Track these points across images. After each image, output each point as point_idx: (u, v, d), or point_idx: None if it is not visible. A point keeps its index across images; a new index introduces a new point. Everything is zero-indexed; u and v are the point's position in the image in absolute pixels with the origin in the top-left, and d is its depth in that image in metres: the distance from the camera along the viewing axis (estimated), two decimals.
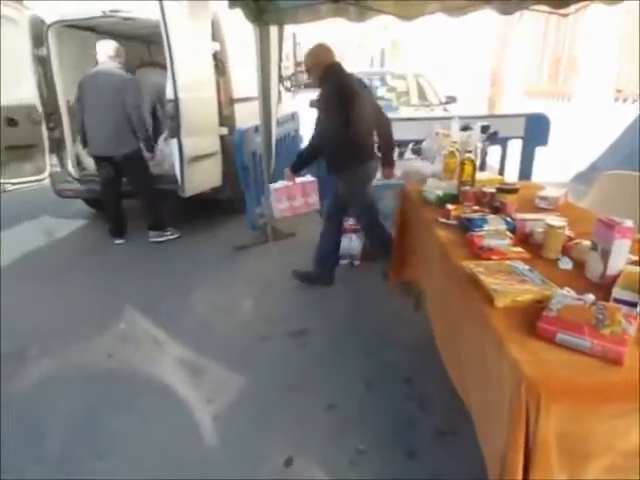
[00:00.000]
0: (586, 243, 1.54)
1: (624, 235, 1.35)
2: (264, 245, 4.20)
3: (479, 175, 2.48)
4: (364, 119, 2.96)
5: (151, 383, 2.41)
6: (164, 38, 3.31)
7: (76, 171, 4.63)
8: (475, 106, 10.43)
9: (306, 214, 4.50)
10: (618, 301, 1.24)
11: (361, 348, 2.64)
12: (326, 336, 2.80)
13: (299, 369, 2.50)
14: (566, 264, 1.56)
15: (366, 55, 22.80)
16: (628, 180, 2.71)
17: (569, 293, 1.28)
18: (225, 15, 4.03)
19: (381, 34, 17.65)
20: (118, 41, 4.10)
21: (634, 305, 1.20)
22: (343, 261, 3.77)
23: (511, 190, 2.06)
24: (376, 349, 2.62)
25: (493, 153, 4.25)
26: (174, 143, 3.86)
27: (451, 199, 2.22)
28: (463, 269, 1.51)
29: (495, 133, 3.84)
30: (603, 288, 1.33)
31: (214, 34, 4.07)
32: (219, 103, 4.29)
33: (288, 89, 6.97)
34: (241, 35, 4.73)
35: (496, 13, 3.62)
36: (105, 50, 4.00)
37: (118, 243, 4.36)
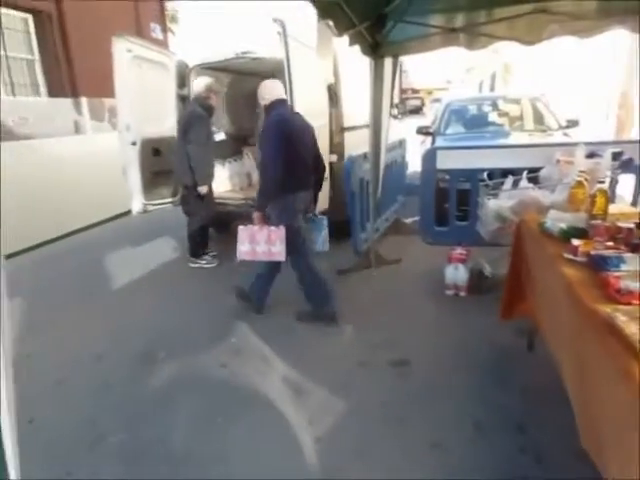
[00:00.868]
0: None
1: None
2: (367, 270, 4.24)
3: (610, 207, 2.26)
4: (295, 153, 3.06)
5: (258, 396, 2.54)
6: (286, 75, 3.58)
7: None
8: (599, 130, 9.53)
9: (412, 240, 4.48)
10: None
11: (468, 385, 2.52)
12: (430, 368, 2.71)
13: (401, 400, 2.45)
14: None
15: (475, 79, 22.16)
16: None
17: None
18: (339, 49, 4.28)
19: (491, 57, 17.10)
20: (244, 78, 4.53)
21: None
22: (448, 292, 3.66)
23: None
24: (485, 388, 2.48)
25: (623, 183, 3.83)
26: None
27: (577, 233, 2.05)
28: (598, 314, 1.37)
29: (630, 160, 3.47)
30: None
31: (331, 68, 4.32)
32: (330, 132, 4.49)
33: (395, 116, 7.04)
34: (352, 67, 4.98)
35: (626, 31, 3.34)
36: (195, 87, 4.42)
37: (191, 266, 4.59)
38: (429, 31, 3.62)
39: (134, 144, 4.37)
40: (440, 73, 29.34)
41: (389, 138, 4.32)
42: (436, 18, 3.55)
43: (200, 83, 4.42)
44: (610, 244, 1.88)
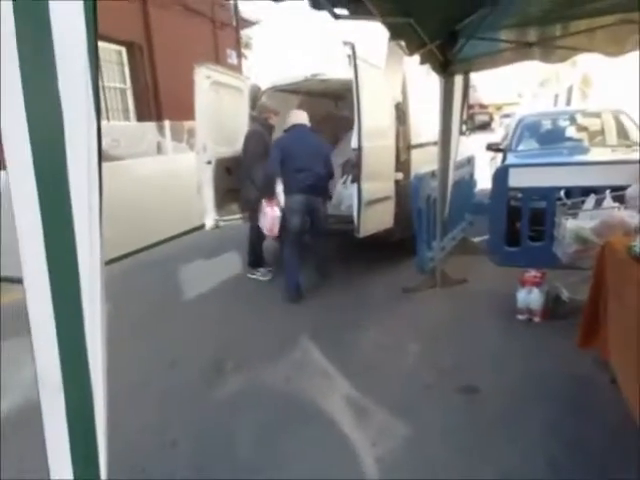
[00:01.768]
0: None
1: None
2: (432, 290, 4.14)
3: None
4: (291, 164, 3.98)
5: (320, 413, 2.56)
6: (354, 95, 3.65)
7: None
8: None
9: (480, 260, 4.33)
10: None
11: (542, 417, 2.36)
12: (500, 397, 2.58)
13: (467, 429, 2.35)
14: None
15: (550, 93, 21.07)
16: None
17: None
18: (408, 68, 4.30)
19: (568, 69, 16.18)
20: (314, 99, 4.69)
21: None
22: (520, 316, 3.47)
23: None
24: (561, 422, 2.31)
25: None
26: (353, 187, 4.17)
27: None
28: None
29: None
30: None
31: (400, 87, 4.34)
32: (397, 149, 4.49)
33: (463, 132, 6.90)
34: (420, 85, 4.97)
35: None
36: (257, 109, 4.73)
37: (249, 276, 4.84)
38: (502, 46, 3.56)
39: (209, 163, 4.66)
40: (510, 87, 28.22)
41: (459, 155, 4.25)
42: (509, 33, 3.49)
43: (262, 105, 4.72)
44: None
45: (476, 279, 4.27)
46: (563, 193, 3.59)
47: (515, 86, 27.89)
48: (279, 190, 4.19)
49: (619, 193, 3.34)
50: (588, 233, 3.07)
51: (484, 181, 5.92)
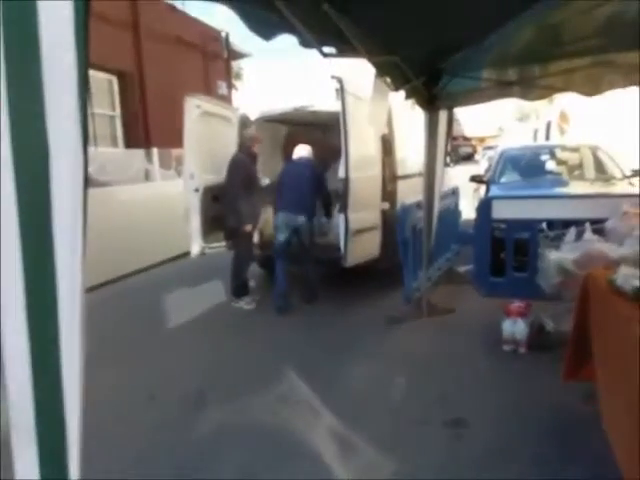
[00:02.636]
0: None
1: None
2: (419, 320, 4.13)
3: None
4: (280, 188, 4.56)
5: (304, 449, 2.48)
6: (342, 127, 3.73)
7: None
8: None
9: (465, 290, 4.35)
10: None
11: (531, 455, 2.31)
12: (487, 431, 2.54)
13: (454, 465, 2.29)
14: None
15: (529, 127, 21.84)
16: None
17: None
18: (393, 101, 4.42)
19: (546, 106, 16.86)
20: (301, 130, 4.77)
21: None
22: (506, 347, 3.46)
23: None
24: (551, 460, 2.26)
25: None
26: (340, 217, 4.20)
27: None
28: None
29: None
30: None
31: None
32: (383, 180, 4.57)
33: (447, 164, 7.07)
34: (405, 118, 5.11)
35: None
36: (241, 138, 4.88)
37: (233, 305, 4.77)
38: (484, 84, 3.69)
39: (197, 191, 4.66)
40: (492, 121, 29.21)
41: (444, 186, 4.33)
42: (490, 72, 3.62)
43: (246, 134, 4.79)
44: None
45: (462, 309, 4.28)
46: (545, 225, 3.67)
47: (497, 120, 28.87)
48: None
49: (599, 226, 3.42)
50: (570, 265, 3.12)
51: (468, 211, 6.03)
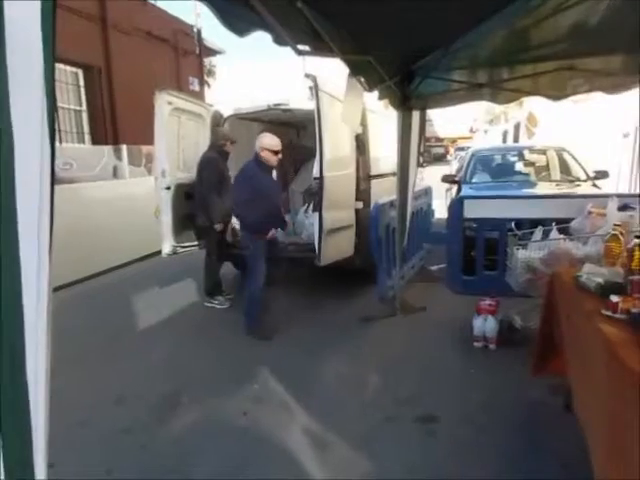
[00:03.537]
0: None
1: None
2: (392, 318, 4.17)
3: None
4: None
5: (277, 448, 2.47)
6: (317, 126, 3.73)
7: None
8: (629, 183, 9.39)
9: (438, 288, 4.42)
10: None
11: (501, 450, 2.37)
12: (459, 427, 2.59)
13: (428, 461, 2.33)
14: None
15: (499, 129, 22.45)
16: None
17: None
18: (367, 101, 4.45)
19: (515, 108, 17.37)
20: (276, 128, 4.73)
21: None
22: (477, 344, 3.55)
23: None
24: (520, 455, 2.33)
25: None
26: (314, 216, 4.19)
27: (615, 289, 1.99)
28: None
29: None
30: None
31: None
32: (357, 179, 4.59)
33: (420, 164, 7.18)
34: (379, 117, 5.15)
35: None
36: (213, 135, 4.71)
37: (206, 305, 4.71)
38: (455, 86, 3.76)
39: (168, 189, 4.57)
40: (464, 122, 29.88)
41: (417, 186, 4.40)
42: (461, 74, 3.70)
43: (218, 131, 4.71)
44: None
45: (434, 307, 4.35)
46: (514, 224, 3.77)
47: (468, 122, 29.54)
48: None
49: (564, 225, 3.55)
50: (537, 263, 3.23)
51: (441, 211, 6.14)
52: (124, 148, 7.65)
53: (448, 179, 6.97)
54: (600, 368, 1.70)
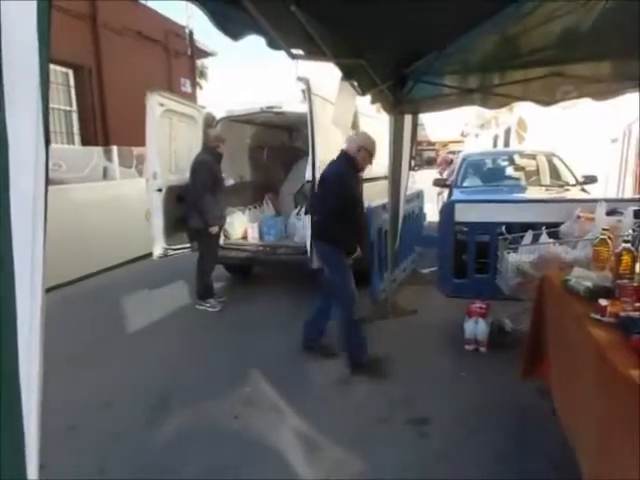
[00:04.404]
0: None
1: None
2: (385, 320, 4.18)
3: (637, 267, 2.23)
4: None
5: (270, 450, 2.46)
6: (309, 129, 3.74)
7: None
8: (617, 188, 9.54)
9: (429, 291, 4.43)
10: None
11: (491, 451, 2.39)
12: (450, 429, 2.60)
13: (419, 462, 2.34)
14: None
15: (490, 133, 22.67)
16: None
17: None
18: (359, 104, 4.48)
19: (506, 113, 17.56)
20: (268, 130, 4.73)
21: None
22: (468, 347, 3.57)
23: None
24: (510, 455, 2.35)
25: None
26: (306, 218, 4.20)
27: (604, 293, 2.02)
28: (631, 380, 1.32)
29: None
30: None
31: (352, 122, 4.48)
32: None
33: (412, 168, 7.23)
34: (371, 120, 5.17)
35: None
36: (205, 137, 4.67)
37: (198, 308, 4.66)
38: (446, 91, 3.79)
39: (160, 191, 4.54)
40: (455, 126, 30.11)
41: (409, 189, 4.42)
42: (452, 79, 3.73)
43: (210, 133, 4.68)
44: (639, 305, 1.84)
45: (426, 309, 4.37)
46: (504, 228, 3.81)
47: (460, 126, 29.77)
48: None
49: (554, 230, 3.59)
50: (527, 267, 3.26)
51: (432, 214, 6.18)
52: (115, 149, 7.59)
53: (439, 183, 7.02)
54: (589, 371, 1.72)
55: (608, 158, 10.07)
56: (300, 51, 2.32)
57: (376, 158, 5.06)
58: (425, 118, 24.52)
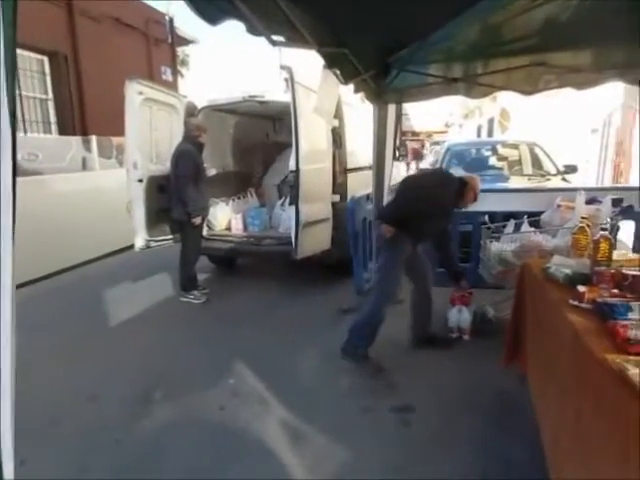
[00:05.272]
0: None
1: None
2: None
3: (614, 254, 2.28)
4: None
5: (255, 440, 2.46)
6: (292, 118, 3.70)
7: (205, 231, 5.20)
8: (596, 177, 9.73)
9: None
10: None
11: (474, 435, 2.44)
12: (434, 415, 2.64)
13: (403, 449, 2.37)
14: None
15: (473, 124, 22.82)
16: None
17: None
18: (343, 94, 4.45)
19: (489, 104, 17.69)
20: (251, 120, 4.67)
21: None
22: (451, 335, 3.61)
23: None
24: (492, 439, 2.39)
25: (623, 229, 3.87)
26: (290, 209, 4.18)
27: (582, 279, 2.06)
28: (608, 364, 1.35)
29: (630, 207, 3.52)
30: None
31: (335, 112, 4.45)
32: (334, 172, 4.59)
33: (396, 158, 7.23)
34: (355, 111, 5.14)
35: (623, 83, 3.49)
36: (186, 126, 4.55)
37: (181, 300, 4.62)
38: (430, 80, 3.78)
39: (140, 181, 4.46)
40: (439, 117, 30.20)
41: (393, 179, 4.42)
42: (436, 68, 3.72)
43: (192, 122, 4.57)
44: (615, 291, 1.88)
45: (409, 298, 4.39)
46: (487, 217, 3.85)
47: (443, 116, 29.87)
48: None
49: (535, 218, 3.64)
50: (509, 255, 3.31)
51: None
52: (94, 139, 7.41)
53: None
54: (566, 355, 1.76)
55: (588, 148, 10.23)
56: (281, 38, 2.28)
57: (360, 147, 5.10)
58: (410, 108, 24.53)
